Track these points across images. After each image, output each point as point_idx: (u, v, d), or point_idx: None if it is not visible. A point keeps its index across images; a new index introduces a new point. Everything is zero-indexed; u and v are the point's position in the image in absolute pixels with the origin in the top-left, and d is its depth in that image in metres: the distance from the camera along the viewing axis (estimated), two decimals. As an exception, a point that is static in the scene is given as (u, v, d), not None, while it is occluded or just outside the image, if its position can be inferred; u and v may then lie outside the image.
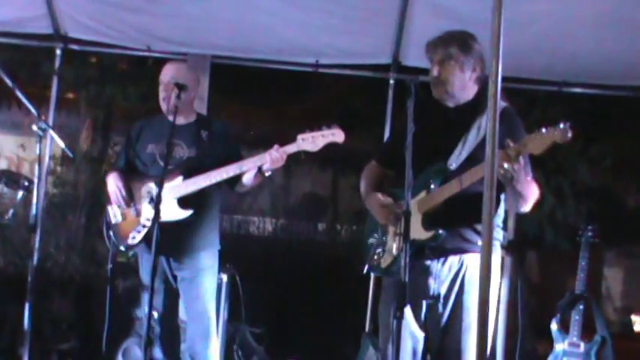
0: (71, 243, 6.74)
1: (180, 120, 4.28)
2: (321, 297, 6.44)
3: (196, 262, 4.25)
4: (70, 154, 5.10)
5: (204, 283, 4.27)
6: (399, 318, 2.95)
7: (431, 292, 3.40)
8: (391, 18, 5.39)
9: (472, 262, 3.34)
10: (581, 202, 7.11)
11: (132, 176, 4.33)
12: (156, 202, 3.74)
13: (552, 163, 6.88)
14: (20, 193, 4.77)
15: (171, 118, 4.15)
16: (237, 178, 4.15)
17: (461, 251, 3.36)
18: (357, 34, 5.54)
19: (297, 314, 6.21)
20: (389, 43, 5.65)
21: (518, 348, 4.95)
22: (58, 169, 7.50)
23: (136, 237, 4.21)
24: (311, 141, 3.91)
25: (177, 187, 4.14)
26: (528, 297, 6.20)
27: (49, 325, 5.37)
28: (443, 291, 3.39)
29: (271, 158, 3.98)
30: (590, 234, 5.27)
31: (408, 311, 3.22)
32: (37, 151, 4.61)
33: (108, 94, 7.81)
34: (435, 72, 3.38)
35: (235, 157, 4.16)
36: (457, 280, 3.37)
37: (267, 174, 4.10)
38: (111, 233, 4.29)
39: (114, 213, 4.31)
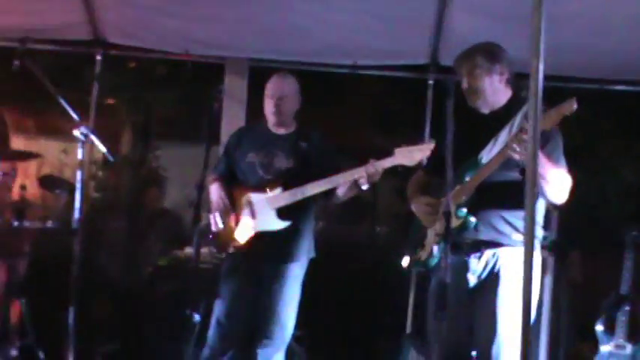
0: (113, 246, 6.81)
1: (281, 130, 4.41)
2: (361, 299, 6.43)
3: (288, 271, 4.29)
4: (111, 159, 5.14)
5: (290, 291, 4.31)
6: (440, 319, 3.02)
7: (468, 286, 3.51)
8: (429, 17, 5.36)
9: (505, 255, 3.46)
10: (625, 200, 7.01)
11: (232, 184, 4.40)
12: (196, 205, 3.77)
13: (595, 162, 6.79)
14: (63, 198, 4.83)
15: (274, 129, 4.38)
16: (332, 190, 4.19)
17: (495, 245, 3.46)
18: (394, 34, 5.51)
19: (337, 316, 6.20)
20: (427, 43, 5.62)
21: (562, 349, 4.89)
22: (100, 173, 7.59)
23: (236, 245, 4.29)
24: (408, 155, 3.90)
25: (276, 197, 4.22)
26: (572, 298, 6.12)
27: (92, 328, 5.42)
28: (479, 285, 3.50)
29: (367, 173, 4.00)
30: (634, 233, 5.20)
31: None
32: (79, 156, 4.67)
33: (147, 99, 7.88)
34: (465, 84, 3.56)
35: (332, 169, 4.19)
36: (492, 274, 3.47)
37: (363, 187, 4.10)
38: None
39: (215, 221, 4.36)
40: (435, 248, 3.51)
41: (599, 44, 5.20)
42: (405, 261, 3.71)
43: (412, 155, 3.91)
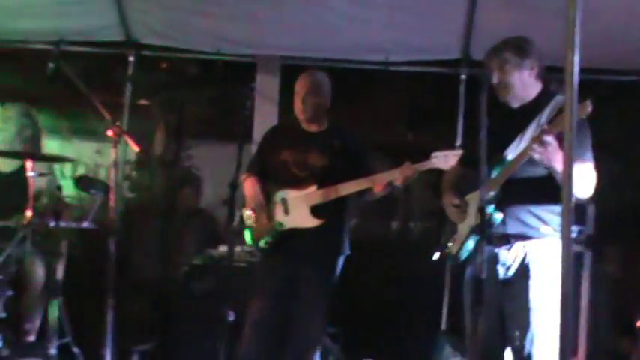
0: (147, 246, 6.85)
1: (314, 128, 4.42)
2: (395, 296, 6.40)
3: (322, 268, 4.30)
4: (145, 159, 5.18)
5: (324, 289, 4.31)
6: (476, 313, 3.09)
7: (499, 279, 3.53)
8: (460, 12, 5.34)
9: (534, 247, 3.50)
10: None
11: (265, 181, 4.42)
12: (230, 204, 3.77)
13: (633, 154, 6.69)
14: (98, 198, 4.87)
15: (307, 127, 4.37)
16: (366, 189, 4.20)
17: (523, 237, 3.51)
18: (425, 29, 5.50)
19: (372, 313, 6.18)
20: (459, 37, 5.58)
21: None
22: (133, 174, 7.64)
23: (267, 241, 4.32)
24: (444, 160, 3.92)
25: (310, 195, 4.23)
26: (611, 292, 6.05)
27: (129, 327, 5.47)
28: (509, 277, 3.53)
29: (403, 175, 4.02)
30: (675, 226, 5.13)
31: None
32: (113, 157, 4.71)
33: (179, 98, 7.91)
34: (495, 79, 3.58)
35: (365, 167, 4.22)
36: (522, 266, 3.51)
37: (397, 187, 4.14)
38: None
39: (247, 217, 4.39)
40: (469, 242, 3.57)
41: (635, 35, 5.12)
42: (436, 255, 3.76)
43: (447, 160, 3.92)
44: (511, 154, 3.51)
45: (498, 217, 3.45)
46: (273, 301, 4.32)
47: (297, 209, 4.26)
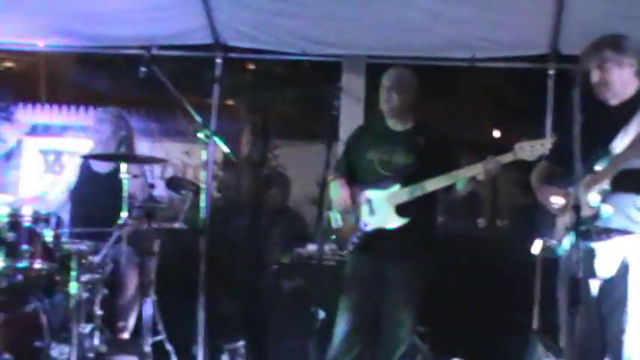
0: (236, 245, 6.94)
1: (398, 126, 4.42)
2: (484, 293, 6.33)
3: (409, 267, 4.28)
4: (234, 159, 5.24)
5: (412, 288, 4.29)
6: (573, 313, 3.00)
7: (596, 274, 3.47)
8: (548, 6, 5.23)
9: (635, 243, 3.42)
10: None
11: (352, 183, 4.44)
12: (318, 202, 3.80)
13: None
14: (188, 199, 4.96)
15: (392, 125, 4.38)
16: (451, 185, 4.19)
17: (625, 232, 3.43)
18: (513, 25, 5.42)
19: (461, 312, 6.13)
20: (547, 32, 5.48)
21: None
22: (220, 173, 7.76)
23: (355, 242, 4.34)
24: (529, 150, 3.87)
25: (395, 194, 4.24)
26: None
27: (219, 325, 5.55)
28: (608, 273, 3.46)
29: (486, 169, 4.00)
30: None
31: None
32: (203, 157, 4.80)
33: (265, 99, 8.00)
34: (595, 77, 3.55)
35: (451, 164, 4.19)
36: (622, 262, 3.43)
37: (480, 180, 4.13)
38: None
39: (335, 218, 4.43)
40: (567, 238, 3.49)
41: None
42: (536, 246, 3.68)
43: (533, 150, 3.86)
44: (618, 147, 3.43)
45: (607, 210, 3.37)
46: (362, 300, 4.34)
47: (383, 209, 4.26)
